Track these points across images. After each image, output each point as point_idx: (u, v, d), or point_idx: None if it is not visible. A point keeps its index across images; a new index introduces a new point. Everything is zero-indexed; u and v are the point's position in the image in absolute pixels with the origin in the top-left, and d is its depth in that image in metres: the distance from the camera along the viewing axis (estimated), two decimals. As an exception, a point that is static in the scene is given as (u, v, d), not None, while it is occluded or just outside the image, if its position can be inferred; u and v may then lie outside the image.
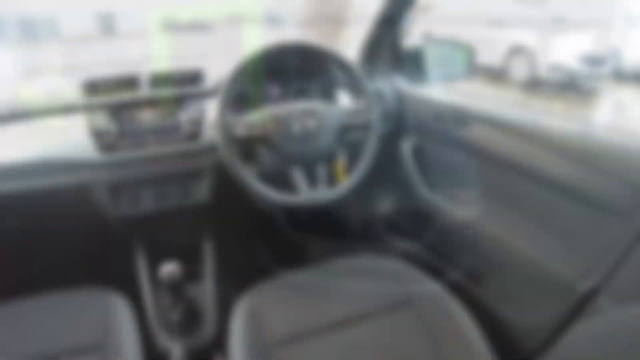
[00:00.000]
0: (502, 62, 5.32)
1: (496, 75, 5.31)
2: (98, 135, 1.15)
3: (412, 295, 1.06)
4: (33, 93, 1.22)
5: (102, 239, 1.54)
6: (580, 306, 0.94)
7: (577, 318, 0.95)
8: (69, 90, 1.20)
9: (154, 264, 1.31)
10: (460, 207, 1.25)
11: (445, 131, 1.32)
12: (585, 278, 0.93)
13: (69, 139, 1.15)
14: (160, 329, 1.16)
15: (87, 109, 1.17)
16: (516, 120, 1.09)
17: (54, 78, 1.27)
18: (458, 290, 1.25)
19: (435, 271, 1.38)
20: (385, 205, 1.75)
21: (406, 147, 1.46)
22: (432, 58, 1.69)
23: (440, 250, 1.43)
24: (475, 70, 1.72)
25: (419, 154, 1.48)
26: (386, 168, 1.63)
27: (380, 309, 1.02)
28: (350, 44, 1.67)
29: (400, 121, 1.53)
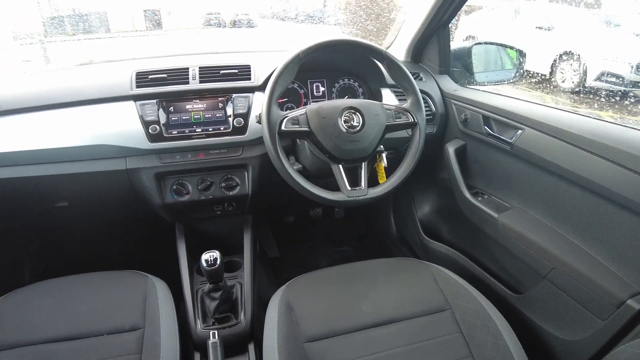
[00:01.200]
0: (549, 67, 5.12)
1: (542, 81, 5.12)
2: (147, 125, 1.19)
3: (450, 301, 1.03)
4: (87, 82, 1.27)
5: (146, 226, 1.59)
6: (629, 325, 0.89)
7: (625, 337, 0.90)
8: (121, 80, 1.24)
9: (194, 252, 1.35)
10: (504, 214, 1.21)
11: (492, 135, 1.29)
12: (637, 296, 0.88)
13: (120, 127, 1.19)
14: (198, 316, 1.19)
15: (138, 98, 1.21)
16: (569, 125, 1.04)
17: (107, 69, 1.32)
18: (498, 299, 1.22)
19: (474, 278, 1.35)
20: (425, 207, 1.73)
21: (451, 149, 1.43)
22: (480, 60, 1.66)
23: (480, 257, 1.39)
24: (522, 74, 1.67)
25: (463, 157, 1.45)
26: (429, 170, 1.60)
27: (416, 313, 1.01)
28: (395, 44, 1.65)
29: (446, 123, 1.50)
